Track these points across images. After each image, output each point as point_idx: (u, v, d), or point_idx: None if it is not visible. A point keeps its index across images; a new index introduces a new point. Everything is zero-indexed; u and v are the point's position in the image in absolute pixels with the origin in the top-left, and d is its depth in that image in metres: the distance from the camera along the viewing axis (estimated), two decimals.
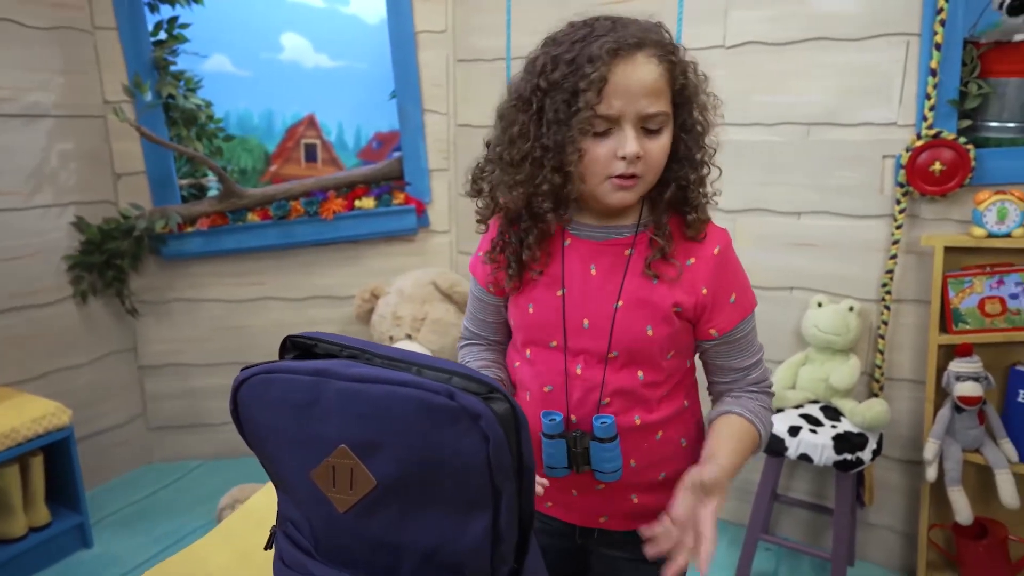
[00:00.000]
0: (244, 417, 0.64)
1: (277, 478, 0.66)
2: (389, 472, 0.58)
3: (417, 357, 0.64)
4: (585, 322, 0.89)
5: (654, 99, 0.80)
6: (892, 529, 1.92)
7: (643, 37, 0.81)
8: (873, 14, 1.70)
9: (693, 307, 0.87)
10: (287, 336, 0.68)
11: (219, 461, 2.54)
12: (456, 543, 0.59)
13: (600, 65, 0.77)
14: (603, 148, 0.81)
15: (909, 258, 1.75)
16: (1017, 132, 1.63)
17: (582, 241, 0.90)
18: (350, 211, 2.36)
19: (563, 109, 0.80)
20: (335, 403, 0.59)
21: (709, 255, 0.88)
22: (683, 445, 0.94)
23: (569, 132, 0.80)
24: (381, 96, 2.68)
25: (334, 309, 2.48)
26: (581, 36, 0.81)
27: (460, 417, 0.56)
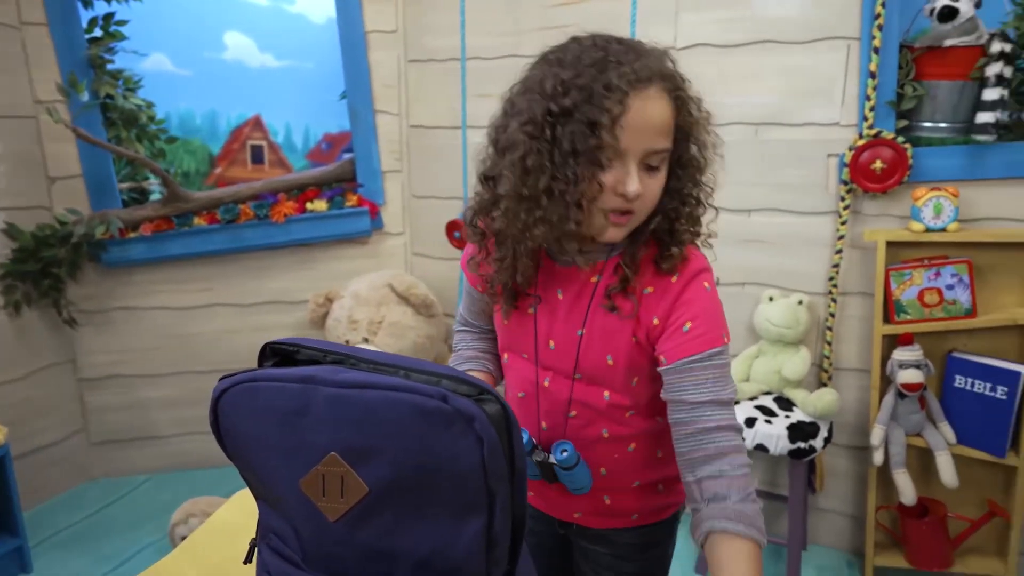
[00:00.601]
0: (225, 428, 0.62)
1: (261, 489, 0.64)
2: (382, 478, 0.57)
3: (403, 360, 0.63)
4: (551, 343, 0.89)
5: (661, 136, 0.77)
6: (841, 513, 2.00)
7: (658, 69, 0.78)
8: (815, 18, 1.77)
9: (646, 337, 0.85)
10: (266, 343, 0.66)
11: (168, 474, 2.45)
12: (451, 548, 0.58)
13: (621, 97, 0.74)
14: (604, 181, 0.77)
15: (853, 253, 1.83)
16: (948, 132, 1.72)
17: (554, 264, 0.88)
18: (302, 214, 2.31)
19: (580, 140, 0.75)
20: (324, 410, 0.58)
21: (667, 284, 0.84)
22: (659, 456, 0.93)
23: (587, 166, 0.75)
24: (330, 97, 2.64)
25: (286, 314, 2.43)
26: (593, 60, 0.76)
27: (454, 420, 0.56)
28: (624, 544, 0.97)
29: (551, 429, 0.90)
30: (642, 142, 0.76)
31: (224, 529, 1.01)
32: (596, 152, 0.74)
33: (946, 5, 1.63)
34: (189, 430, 2.44)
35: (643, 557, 0.99)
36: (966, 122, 1.68)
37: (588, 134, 0.74)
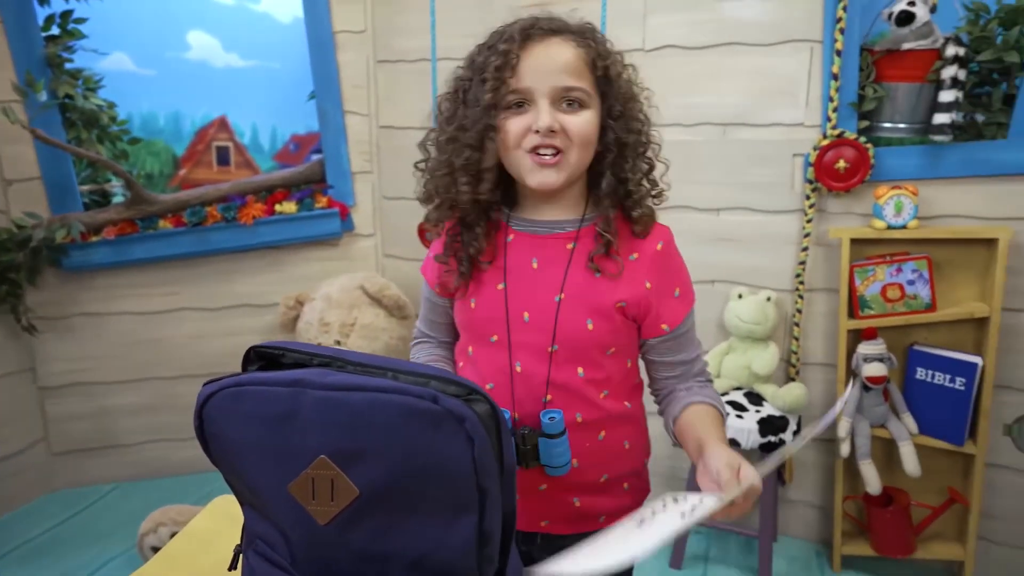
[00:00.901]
0: (210, 433, 0.61)
1: (247, 494, 0.64)
2: (373, 481, 0.57)
3: (391, 362, 0.63)
4: (526, 315, 0.89)
5: (570, 75, 0.83)
6: (809, 504, 2.05)
7: (561, 25, 0.86)
8: (779, 21, 1.81)
9: (638, 302, 0.89)
10: (251, 347, 0.66)
11: (135, 483, 2.39)
12: (443, 548, 0.58)
13: (512, 44, 0.82)
14: (519, 123, 0.84)
15: (819, 250, 1.87)
16: (907, 132, 1.77)
17: (524, 235, 0.91)
18: (271, 216, 2.28)
19: (479, 87, 0.83)
20: (314, 413, 0.57)
21: (652, 251, 0.90)
22: (626, 447, 0.95)
23: (485, 109, 0.82)
24: (297, 97, 2.61)
25: (255, 318, 2.39)
26: (504, 27, 0.86)
27: (445, 420, 0.56)
28: None
29: (523, 419, 0.90)
30: (546, 80, 0.82)
31: (202, 537, 0.99)
32: (493, 95, 0.82)
33: (903, 10, 1.68)
34: (156, 437, 2.39)
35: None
36: (924, 123, 1.74)
37: (485, 81, 0.82)
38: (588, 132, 0.85)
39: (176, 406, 2.36)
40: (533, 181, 0.85)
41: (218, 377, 0.62)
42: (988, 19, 1.65)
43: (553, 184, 0.85)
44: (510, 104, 0.84)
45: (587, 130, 0.85)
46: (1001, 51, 1.61)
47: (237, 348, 2.36)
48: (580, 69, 0.84)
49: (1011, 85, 1.67)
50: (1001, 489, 1.82)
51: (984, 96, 1.71)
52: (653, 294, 0.89)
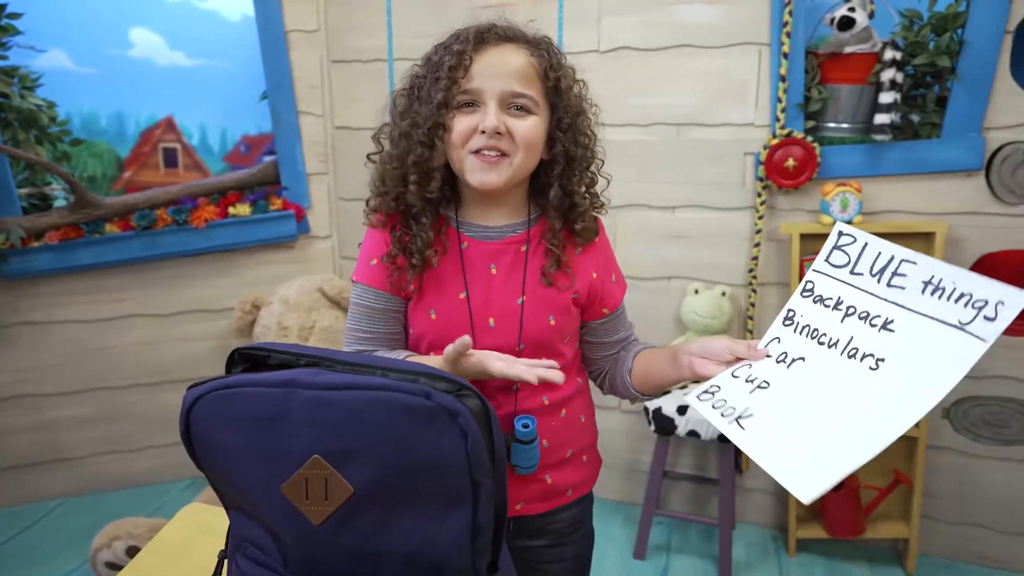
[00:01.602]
0: (198, 437, 0.60)
1: (236, 498, 0.63)
2: (367, 478, 0.58)
3: (379, 360, 0.64)
4: (491, 321, 0.91)
5: (520, 81, 0.85)
6: (765, 491, 2.12)
7: (517, 33, 0.89)
8: (728, 25, 1.87)
9: (587, 292, 0.94)
10: (235, 349, 0.65)
11: (83, 498, 2.30)
12: (437, 542, 0.59)
13: (467, 45, 0.84)
14: (466, 122, 0.85)
15: (770, 245, 1.94)
16: (849, 132, 1.86)
17: (479, 243, 0.92)
18: (224, 219, 2.22)
19: (431, 85, 0.85)
20: (305, 413, 0.57)
21: (592, 243, 0.96)
22: (582, 421, 1.00)
23: (435, 107, 0.84)
24: (248, 97, 2.55)
25: (209, 323, 2.33)
26: (461, 29, 0.88)
27: (438, 416, 0.57)
28: (562, 526, 1.00)
29: (496, 408, 0.91)
30: (496, 83, 0.84)
31: (172, 547, 0.97)
32: (442, 96, 0.84)
33: (844, 15, 1.76)
34: (105, 450, 2.30)
35: (578, 536, 1.03)
36: (865, 123, 1.83)
37: (438, 80, 0.85)
38: (533, 137, 0.86)
39: (125, 416, 2.29)
40: (475, 180, 0.86)
41: (202, 380, 0.61)
42: (921, 25, 1.74)
43: (494, 184, 0.86)
44: (460, 104, 0.85)
45: (532, 135, 0.86)
46: (934, 55, 1.70)
47: (190, 355, 2.32)
48: (531, 77, 0.86)
49: (943, 87, 1.77)
50: (941, 470, 1.93)
51: (919, 98, 1.80)
52: (597, 282, 0.95)
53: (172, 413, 2.39)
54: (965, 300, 0.67)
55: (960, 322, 0.67)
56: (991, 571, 1.95)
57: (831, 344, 0.76)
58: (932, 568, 1.96)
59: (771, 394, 0.75)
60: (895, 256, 0.74)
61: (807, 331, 0.78)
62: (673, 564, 1.99)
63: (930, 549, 1.98)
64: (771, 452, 0.70)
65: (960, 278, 0.68)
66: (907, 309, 0.72)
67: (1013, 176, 1.74)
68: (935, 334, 0.68)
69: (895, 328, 0.72)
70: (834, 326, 0.76)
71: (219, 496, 0.65)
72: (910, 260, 0.72)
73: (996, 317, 0.64)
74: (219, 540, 0.99)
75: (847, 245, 0.78)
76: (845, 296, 0.77)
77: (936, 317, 0.69)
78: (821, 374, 0.74)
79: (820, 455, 0.67)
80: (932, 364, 0.67)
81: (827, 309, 0.78)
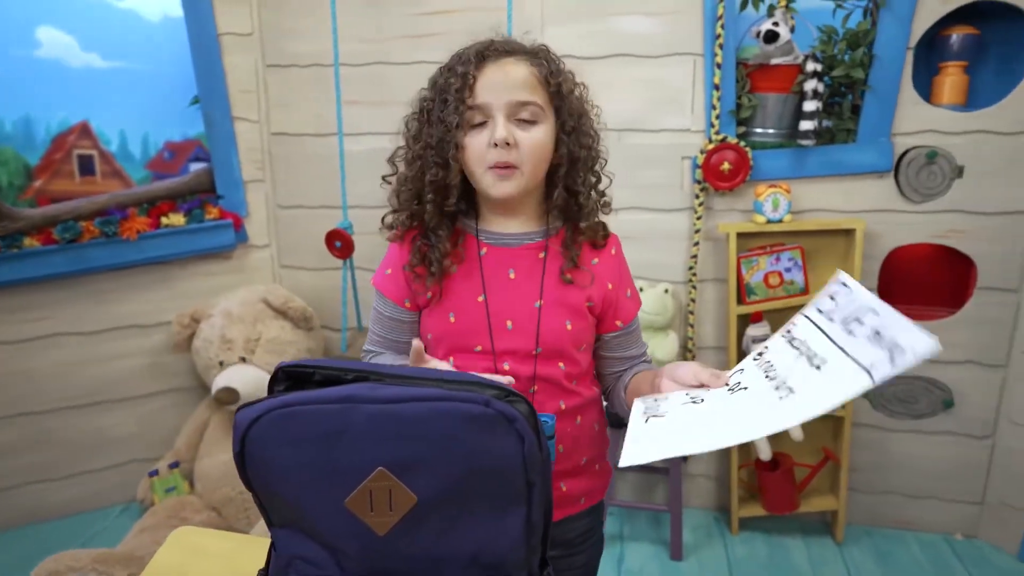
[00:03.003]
0: (256, 458, 0.60)
1: (289, 516, 0.63)
2: (430, 487, 0.60)
3: (426, 372, 0.66)
4: (509, 323, 0.94)
5: (524, 90, 0.89)
6: (707, 476, 2.25)
7: (516, 47, 0.93)
8: (664, 36, 1.98)
9: (602, 301, 0.98)
10: (279, 367, 0.65)
11: (10, 532, 2.13)
12: (496, 543, 0.62)
13: (469, 65, 0.87)
14: (479, 140, 0.89)
15: (708, 244, 2.06)
16: (775, 137, 2.00)
17: (498, 248, 0.96)
18: (156, 229, 2.13)
19: (441, 108, 0.88)
20: (368, 428, 0.59)
21: (608, 255, 1.01)
22: (596, 429, 1.04)
23: (447, 128, 0.88)
24: (172, 102, 2.45)
25: (141, 339, 2.22)
26: (462, 50, 0.91)
27: (498, 423, 0.60)
28: (575, 534, 1.04)
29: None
30: (501, 95, 0.88)
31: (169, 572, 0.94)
32: (454, 112, 0.87)
33: (769, 29, 1.89)
34: (30, 479, 2.15)
35: (589, 543, 1.07)
36: (789, 128, 1.97)
37: (445, 101, 0.88)
38: (541, 147, 0.91)
39: (52, 442, 2.14)
40: (495, 193, 0.91)
41: (253, 401, 0.61)
42: (837, 40, 1.90)
43: (511, 193, 0.91)
44: (471, 123, 0.89)
45: (540, 144, 0.90)
46: (850, 68, 1.87)
47: (122, 374, 2.24)
48: (534, 85, 0.90)
49: (856, 97, 1.94)
50: (863, 445, 2.11)
51: (836, 106, 1.97)
52: (612, 294, 0.99)
53: (104, 436, 2.27)
54: (889, 347, 0.66)
55: (871, 365, 0.66)
56: (903, 532, 2.16)
57: (772, 378, 0.76)
58: (856, 535, 2.14)
59: (695, 407, 0.77)
60: (865, 305, 0.72)
61: (766, 366, 0.80)
62: (627, 552, 2.08)
63: (855, 518, 2.17)
64: (640, 431, 0.73)
65: (901, 329, 0.66)
66: (843, 352, 0.71)
67: (917, 177, 1.93)
68: (844, 371, 0.68)
69: (823, 368, 0.72)
70: (786, 364, 0.77)
71: (266, 514, 0.65)
72: (875, 310, 0.71)
73: (895, 362, 0.64)
74: (216, 562, 0.98)
75: (840, 294, 0.77)
76: (811, 339, 0.77)
77: (857, 359, 0.69)
78: (743, 398, 0.75)
79: (666, 436, 0.70)
80: (817, 392, 0.68)
81: (792, 349, 0.78)
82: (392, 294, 0.98)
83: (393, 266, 0.98)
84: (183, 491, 2.13)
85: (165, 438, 2.27)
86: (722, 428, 0.71)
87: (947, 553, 2.06)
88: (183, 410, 2.29)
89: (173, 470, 2.15)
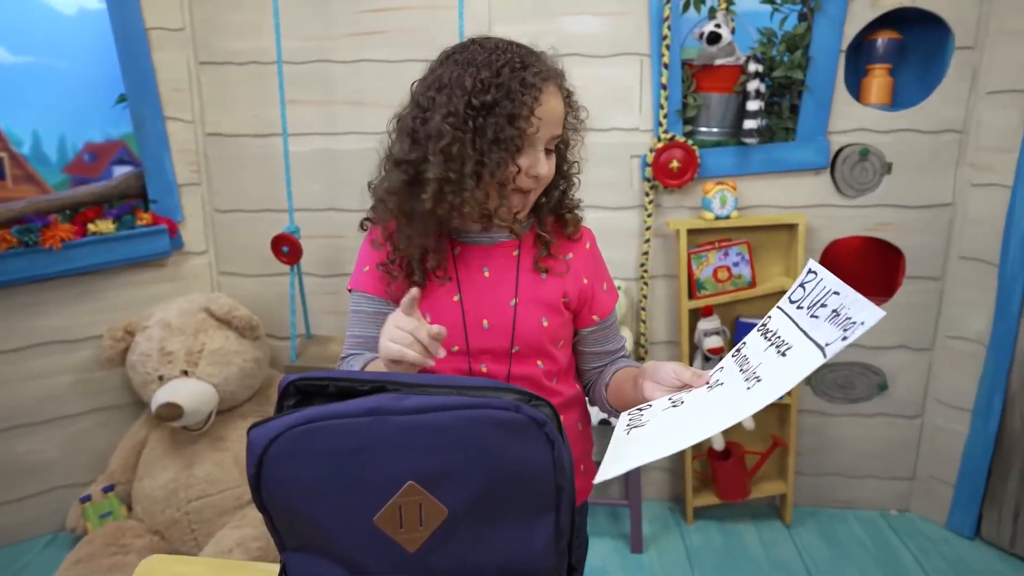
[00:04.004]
0: (273, 478, 0.56)
1: (309, 537, 0.60)
2: (461, 498, 0.58)
3: (446, 379, 0.64)
4: (485, 323, 0.94)
5: (559, 124, 0.91)
6: (662, 468, 2.29)
7: (554, 69, 0.93)
8: (612, 36, 2.00)
9: (578, 296, 0.98)
10: (290, 381, 0.61)
11: None
12: (527, 550, 0.61)
13: (536, 93, 0.86)
14: (521, 163, 0.88)
15: (658, 241, 2.10)
16: (719, 136, 2.06)
17: (472, 247, 0.96)
18: (83, 237, 1.98)
19: (502, 130, 0.85)
20: (396, 440, 0.56)
21: (583, 249, 1.02)
22: (579, 428, 1.04)
23: (506, 152, 0.86)
24: (92, 101, 2.30)
25: (67, 355, 2.06)
26: (505, 61, 0.87)
27: (528, 428, 0.59)
28: None
29: None
30: (549, 130, 0.89)
31: None
32: (515, 140, 0.86)
33: (712, 31, 1.95)
34: None
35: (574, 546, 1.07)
36: (732, 127, 2.04)
37: (507, 125, 0.85)
38: (553, 173, 0.93)
39: None
40: (514, 204, 0.91)
41: (266, 419, 0.58)
42: (777, 42, 1.98)
43: (525, 209, 0.93)
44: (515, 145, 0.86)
45: (553, 172, 0.93)
46: (790, 69, 1.94)
47: (46, 393, 2.11)
48: (563, 117, 0.91)
49: (794, 96, 2.02)
50: (806, 430, 2.21)
51: (775, 105, 2.04)
52: (588, 288, 1.00)
53: (27, 461, 2.12)
54: (844, 324, 0.67)
55: (825, 343, 0.67)
56: (845, 511, 2.27)
57: (743, 371, 0.77)
58: (803, 516, 2.24)
59: (674, 411, 0.76)
60: (828, 288, 0.73)
61: (741, 360, 0.80)
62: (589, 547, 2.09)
63: (801, 500, 2.27)
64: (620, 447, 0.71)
65: (856, 305, 0.68)
66: (806, 335, 0.72)
67: (852, 173, 2.03)
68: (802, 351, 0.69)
69: (788, 355, 0.72)
70: (758, 355, 0.77)
71: (278, 538, 0.61)
72: (836, 291, 0.71)
73: (848, 336, 0.65)
74: None
75: (809, 282, 0.77)
76: (782, 329, 0.77)
77: (814, 337, 0.70)
78: (718, 394, 0.75)
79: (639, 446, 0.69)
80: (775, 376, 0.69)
81: (765, 341, 0.78)
82: (374, 288, 0.97)
83: (369, 264, 0.97)
84: (120, 516, 2.00)
85: (96, 461, 2.13)
86: (689, 426, 0.69)
87: (884, 528, 2.18)
88: (115, 429, 2.14)
89: (108, 494, 2.01)
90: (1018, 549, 1.99)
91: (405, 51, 2.01)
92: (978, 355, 2.04)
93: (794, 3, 1.96)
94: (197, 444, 1.97)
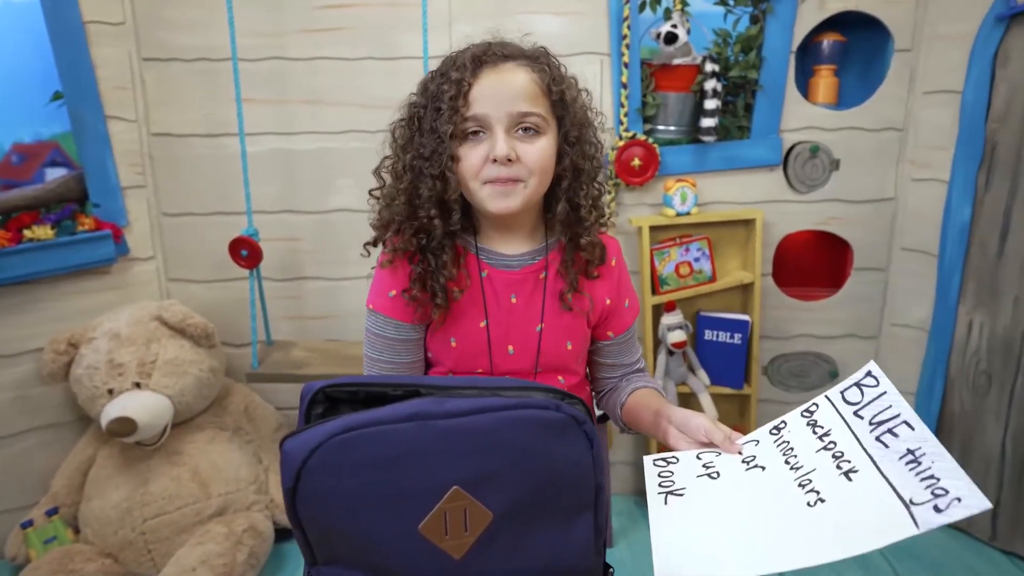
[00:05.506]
0: (311, 491, 0.54)
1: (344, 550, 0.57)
2: (504, 500, 0.57)
3: (479, 381, 0.63)
4: (511, 348, 0.92)
5: (526, 100, 0.83)
6: (626, 462, 2.32)
7: (515, 50, 0.88)
8: (572, 35, 2.01)
9: (599, 314, 0.97)
10: (321, 388, 0.59)
11: None
12: (568, 549, 0.60)
13: (464, 72, 0.82)
14: (476, 153, 0.83)
15: (620, 237, 2.13)
16: (676, 134, 2.10)
17: (499, 272, 0.92)
18: (18, 244, 1.85)
19: (434, 116, 0.83)
20: (440, 444, 0.55)
21: (609, 268, 0.97)
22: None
23: (440, 138, 0.82)
24: (19, 99, 2.17)
25: (3, 371, 1.92)
26: (456, 53, 0.86)
27: (569, 427, 0.58)
28: None
29: None
30: (501, 107, 0.82)
31: None
32: (449, 122, 0.81)
33: (669, 31, 1.98)
34: None
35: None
36: (689, 126, 2.08)
37: (440, 109, 0.82)
38: (544, 160, 0.85)
39: None
40: (494, 207, 0.85)
41: (300, 430, 0.55)
42: (732, 43, 2.04)
43: (513, 209, 0.85)
44: (466, 133, 0.83)
45: (543, 158, 0.85)
46: (745, 68, 2.00)
47: None
48: (535, 94, 0.84)
49: (748, 96, 2.09)
50: (765, 419, 2.27)
51: (731, 104, 2.10)
52: (609, 308, 0.97)
53: None
54: (929, 483, 0.62)
55: (911, 500, 0.62)
56: None
57: (794, 467, 0.73)
58: None
59: (714, 485, 0.73)
60: (900, 415, 0.70)
61: (784, 446, 0.76)
62: None
63: None
64: (668, 529, 0.66)
65: (938, 459, 0.64)
66: (876, 467, 0.68)
67: (803, 169, 2.11)
68: (883, 500, 0.64)
69: (854, 479, 0.68)
70: (808, 453, 0.73)
71: (309, 551, 0.58)
72: (910, 424, 0.69)
73: (944, 511, 0.60)
74: None
75: (868, 386, 0.75)
76: (835, 431, 0.74)
77: (894, 485, 0.65)
78: (766, 488, 0.71)
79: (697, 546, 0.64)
80: (857, 523, 0.63)
81: (813, 436, 0.75)
82: (402, 315, 0.90)
83: (394, 288, 0.90)
84: (66, 540, 1.88)
85: (37, 483, 1.99)
86: (762, 550, 0.63)
87: None
88: (57, 449, 2.01)
89: (51, 517, 1.89)
90: (960, 525, 2.12)
91: (363, 49, 1.97)
92: (920, 341, 2.15)
93: (746, 5, 2.01)
94: (151, 460, 1.87)
